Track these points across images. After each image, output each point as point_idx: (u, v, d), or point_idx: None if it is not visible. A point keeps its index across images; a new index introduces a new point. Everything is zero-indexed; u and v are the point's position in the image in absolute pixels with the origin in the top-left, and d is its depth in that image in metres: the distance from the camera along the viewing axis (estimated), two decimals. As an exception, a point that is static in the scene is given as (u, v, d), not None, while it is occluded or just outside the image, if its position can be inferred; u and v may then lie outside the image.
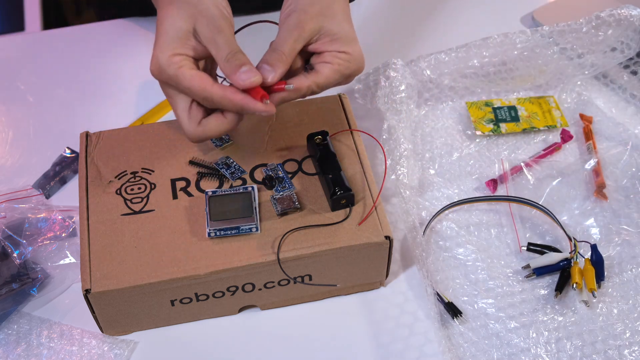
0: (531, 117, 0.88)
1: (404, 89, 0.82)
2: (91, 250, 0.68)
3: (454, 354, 0.69)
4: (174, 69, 0.64)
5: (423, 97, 0.90)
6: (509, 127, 0.87)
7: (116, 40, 1.02)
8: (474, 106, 0.89)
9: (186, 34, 0.65)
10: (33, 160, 0.87)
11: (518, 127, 0.87)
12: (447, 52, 0.87)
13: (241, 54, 0.65)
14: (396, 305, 0.74)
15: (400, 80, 0.82)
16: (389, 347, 0.71)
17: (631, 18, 0.85)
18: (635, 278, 0.75)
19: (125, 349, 0.71)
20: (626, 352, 0.69)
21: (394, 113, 0.82)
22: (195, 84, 0.64)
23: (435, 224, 0.79)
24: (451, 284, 0.75)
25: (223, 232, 0.68)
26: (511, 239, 0.78)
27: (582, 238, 0.77)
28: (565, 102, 0.91)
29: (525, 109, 0.89)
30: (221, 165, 0.74)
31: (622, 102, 0.92)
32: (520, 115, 0.88)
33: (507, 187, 0.82)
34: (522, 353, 0.70)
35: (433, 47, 0.91)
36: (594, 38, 0.87)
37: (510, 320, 0.72)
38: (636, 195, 0.81)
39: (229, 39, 0.65)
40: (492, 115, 0.88)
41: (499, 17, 1.05)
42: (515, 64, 0.89)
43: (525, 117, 0.88)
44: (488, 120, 0.87)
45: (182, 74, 0.64)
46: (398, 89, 0.82)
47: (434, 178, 0.84)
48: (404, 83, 0.83)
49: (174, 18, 0.65)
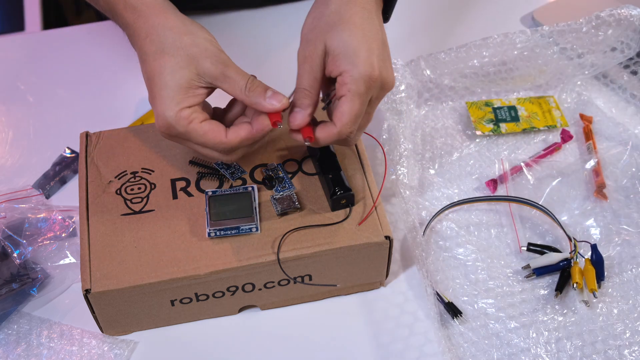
0: (531, 117, 0.88)
1: (404, 89, 0.82)
2: (91, 250, 0.68)
3: (454, 354, 0.69)
4: (184, 125, 0.63)
5: (423, 97, 0.90)
6: (509, 127, 0.87)
7: (116, 40, 1.01)
8: (474, 106, 0.89)
9: (188, 82, 0.63)
10: (33, 160, 0.87)
11: (518, 127, 0.87)
12: (447, 52, 0.87)
13: (257, 80, 0.64)
14: (396, 305, 0.74)
15: (400, 80, 0.82)
16: (389, 347, 0.71)
17: (631, 18, 0.85)
18: (635, 278, 0.75)
19: (125, 349, 0.71)
20: (626, 352, 0.70)
21: (394, 113, 0.82)
22: (210, 138, 0.63)
23: (435, 224, 0.79)
24: (451, 284, 0.75)
25: (223, 232, 0.68)
26: (511, 239, 0.78)
27: (582, 238, 0.77)
28: (565, 102, 0.91)
29: (526, 109, 0.89)
30: (221, 165, 0.74)
31: (622, 102, 0.92)
32: (521, 115, 0.88)
33: (507, 187, 0.82)
34: (522, 353, 0.70)
35: (433, 47, 0.91)
36: (594, 38, 0.87)
37: (510, 320, 0.72)
38: (636, 195, 0.81)
39: (238, 69, 0.64)
40: (492, 115, 0.88)
41: (499, 17, 1.05)
42: (515, 64, 0.89)
43: (525, 117, 0.88)
44: (488, 120, 0.87)
45: (194, 130, 0.63)
46: (398, 89, 0.82)
47: (434, 178, 0.84)
48: (403, 83, 0.83)
49: (172, 68, 0.63)
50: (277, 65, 0.96)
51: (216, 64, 0.63)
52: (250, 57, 0.98)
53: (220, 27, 1.01)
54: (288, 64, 0.83)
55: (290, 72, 0.93)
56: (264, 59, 0.98)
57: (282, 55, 0.98)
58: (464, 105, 0.90)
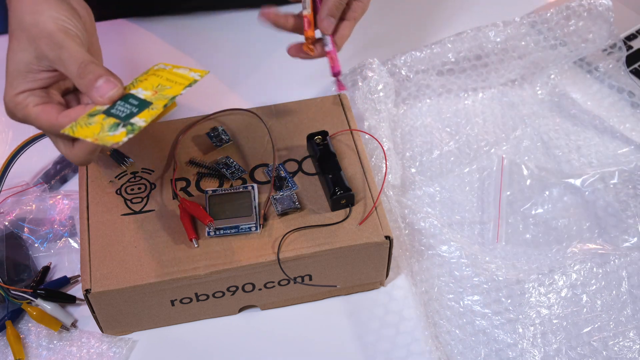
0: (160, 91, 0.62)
1: (381, 88, 0.82)
2: (91, 250, 0.68)
3: (442, 352, 0.69)
4: (21, 110, 0.59)
5: (401, 96, 0.89)
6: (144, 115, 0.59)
7: (116, 40, 1.01)
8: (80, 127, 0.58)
9: (27, 66, 0.59)
10: (33, 160, 0.87)
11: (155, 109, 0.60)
12: (422, 49, 0.87)
13: (93, 65, 0.58)
14: (396, 305, 0.74)
15: (378, 80, 0.82)
16: (390, 346, 0.71)
17: (600, 7, 0.85)
18: (617, 269, 0.75)
19: (123, 347, 0.71)
20: (610, 343, 0.70)
21: (373, 113, 0.82)
22: (43, 121, 0.59)
23: (418, 222, 0.78)
24: (436, 281, 0.74)
25: (222, 231, 0.68)
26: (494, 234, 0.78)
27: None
28: (540, 93, 0.91)
29: (143, 88, 0.62)
30: (221, 165, 0.74)
31: (599, 94, 0.91)
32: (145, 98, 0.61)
33: None
34: (508, 348, 0.70)
35: (410, 46, 0.90)
36: (566, 29, 0.87)
37: (496, 316, 0.72)
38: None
39: (72, 52, 0.58)
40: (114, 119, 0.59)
41: (496, 19, 1.04)
42: (490, 58, 0.89)
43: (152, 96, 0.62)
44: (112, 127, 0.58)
45: (29, 115, 0.59)
46: (376, 89, 0.82)
47: (415, 177, 0.83)
48: (381, 82, 0.82)
49: (14, 51, 0.59)
50: (274, 65, 0.96)
51: (51, 45, 0.58)
52: (247, 57, 0.98)
53: (217, 27, 1.01)
54: (284, 64, 0.84)
55: (286, 73, 0.93)
56: (261, 60, 0.98)
57: (280, 55, 0.98)
58: (443, 102, 0.90)
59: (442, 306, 0.73)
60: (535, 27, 0.88)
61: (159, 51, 0.99)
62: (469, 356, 0.70)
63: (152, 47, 0.99)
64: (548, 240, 0.78)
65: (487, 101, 0.91)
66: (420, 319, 0.71)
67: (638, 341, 0.70)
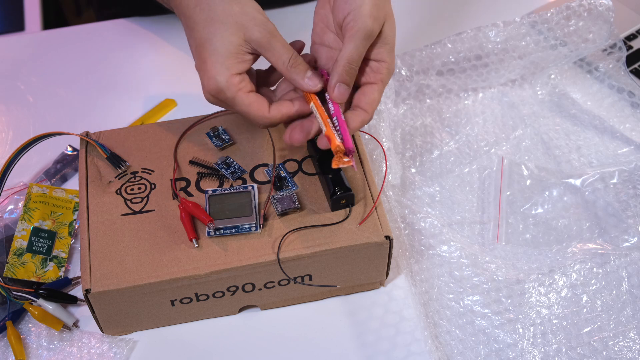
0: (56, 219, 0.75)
1: None
2: (91, 250, 0.68)
3: (442, 352, 0.69)
4: (233, 91, 0.65)
5: (401, 96, 0.89)
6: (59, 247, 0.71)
7: (116, 40, 1.02)
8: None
9: (237, 48, 0.65)
10: (33, 160, 0.87)
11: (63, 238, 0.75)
12: (422, 49, 0.87)
13: (300, 58, 0.66)
14: (396, 305, 0.74)
15: None
16: (390, 346, 0.71)
17: (600, 7, 0.85)
18: (617, 269, 0.75)
19: (124, 348, 0.71)
20: (610, 343, 0.70)
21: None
22: (253, 110, 0.66)
23: (418, 222, 0.78)
24: (436, 282, 0.74)
25: (222, 231, 0.68)
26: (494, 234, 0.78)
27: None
28: (540, 93, 0.91)
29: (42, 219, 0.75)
30: (221, 165, 0.74)
31: (599, 94, 0.91)
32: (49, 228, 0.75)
33: None
34: (508, 348, 0.70)
35: (409, 46, 0.90)
36: (566, 29, 0.87)
37: (496, 316, 0.72)
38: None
39: (284, 42, 0.66)
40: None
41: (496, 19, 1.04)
42: (490, 58, 0.89)
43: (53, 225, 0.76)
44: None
45: (240, 98, 0.65)
46: None
47: (415, 177, 0.83)
48: None
49: (222, 35, 0.65)
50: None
51: (264, 32, 0.65)
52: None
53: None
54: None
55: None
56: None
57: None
58: (442, 103, 0.90)
59: (442, 306, 0.73)
60: (536, 27, 0.88)
61: (159, 51, 0.99)
62: (469, 356, 0.70)
63: (152, 47, 0.99)
64: (548, 240, 0.78)
65: (487, 101, 0.91)
66: (420, 319, 0.72)
67: (638, 341, 0.70)
